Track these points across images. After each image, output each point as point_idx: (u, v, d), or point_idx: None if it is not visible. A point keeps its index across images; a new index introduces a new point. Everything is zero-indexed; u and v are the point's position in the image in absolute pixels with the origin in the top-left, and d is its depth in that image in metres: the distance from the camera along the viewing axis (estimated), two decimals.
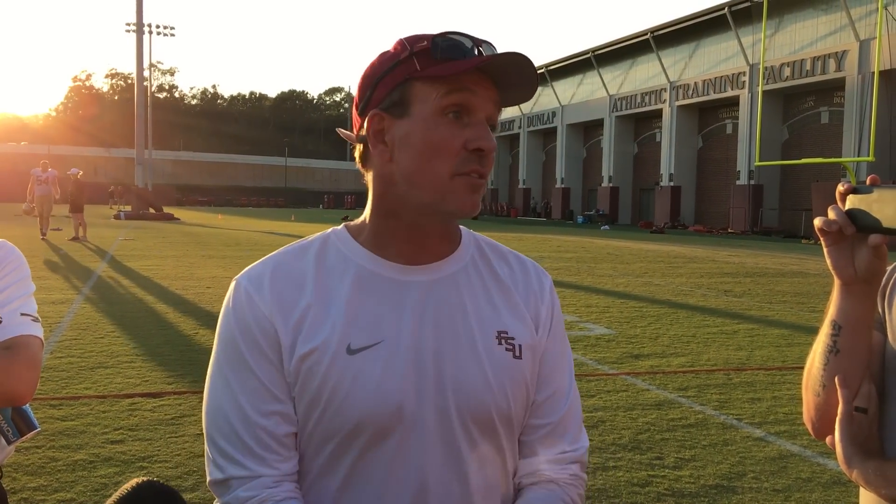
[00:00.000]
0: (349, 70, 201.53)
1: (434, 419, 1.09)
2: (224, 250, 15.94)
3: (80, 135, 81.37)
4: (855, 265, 1.06)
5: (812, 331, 7.23)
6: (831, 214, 1.05)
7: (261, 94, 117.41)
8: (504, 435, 1.15)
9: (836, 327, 1.11)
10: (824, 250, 1.09)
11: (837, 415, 1.09)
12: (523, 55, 1.05)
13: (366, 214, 1.16)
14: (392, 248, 1.13)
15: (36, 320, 1.60)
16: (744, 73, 35.23)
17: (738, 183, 35.27)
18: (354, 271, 1.12)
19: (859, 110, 28.92)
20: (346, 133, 1.18)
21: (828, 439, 1.12)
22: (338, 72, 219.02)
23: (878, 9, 23.81)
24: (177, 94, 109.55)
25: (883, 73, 25.21)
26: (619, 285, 11.04)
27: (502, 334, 1.15)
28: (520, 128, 55.07)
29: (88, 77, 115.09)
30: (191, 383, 4.77)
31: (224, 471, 1.08)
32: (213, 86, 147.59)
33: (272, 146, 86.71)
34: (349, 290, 1.11)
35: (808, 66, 31.69)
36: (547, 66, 49.51)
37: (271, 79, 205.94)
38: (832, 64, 30.58)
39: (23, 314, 1.56)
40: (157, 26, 48.64)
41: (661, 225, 37.34)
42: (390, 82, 1.08)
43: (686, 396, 4.75)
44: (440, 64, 1.05)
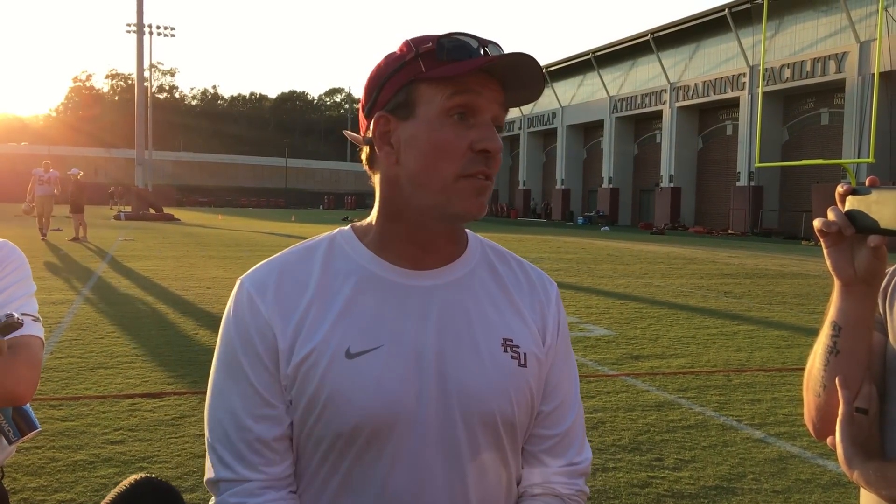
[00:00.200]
0: (350, 71, 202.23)
1: (436, 423, 1.08)
2: (224, 251, 15.94)
3: (81, 135, 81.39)
4: (855, 266, 1.06)
5: (812, 332, 7.24)
6: (831, 216, 1.05)
7: (261, 94, 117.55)
8: (507, 441, 1.14)
9: (836, 328, 1.11)
10: (824, 251, 1.09)
11: (838, 416, 1.09)
12: (529, 55, 1.04)
13: (372, 216, 1.15)
14: (397, 250, 1.12)
15: (37, 320, 1.60)
16: (744, 75, 35.24)
17: (738, 184, 35.28)
18: (358, 274, 1.12)
19: (859, 112, 28.92)
20: (353, 135, 1.17)
21: (828, 440, 1.12)
22: (338, 72, 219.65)
23: (878, 10, 23.81)
24: (177, 95, 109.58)
25: (883, 75, 25.21)
26: (619, 286, 11.04)
27: (507, 342, 1.14)
28: (520, 129, 55.06)
29: (89, 77, 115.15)
30: (191, 384, 4.76)
31: (216, 472, 1.10)
32: (214, 86, 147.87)
33: (272, 147, 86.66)
34: (352, 292, 1.10)
35: (808, 67, 31.70)
36: (547, 66, 49.49)
37: (271, 79, 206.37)
38: (832, 65, 30.59)
39: (23, 314, 1.56)
40: (158, 27, 48.67)
41: (661, 226, 37.34)
42: (396, 84, 1.07)
43: (686, 398, 4.75)
44: (445, 65, 1.04)
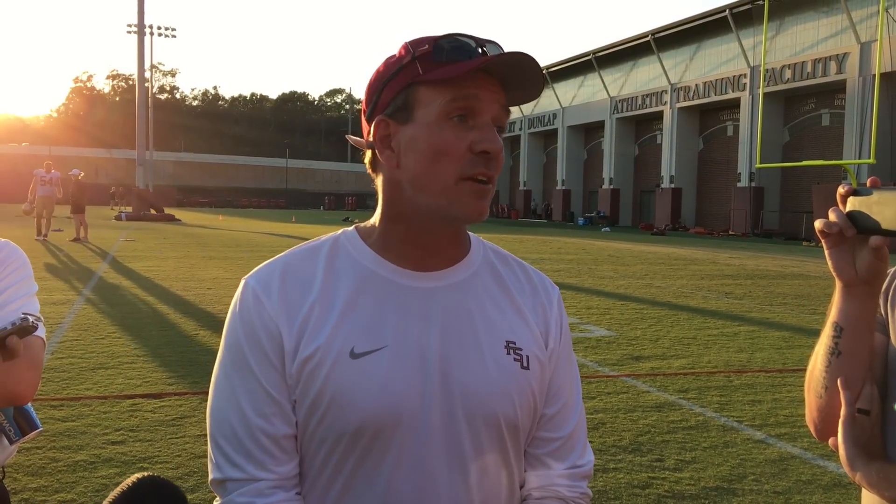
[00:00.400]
0: (350, 71, 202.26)
1: (439, 424, 1.08)
2: (225, 251, 15.94)
3: (82, 136, 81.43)
4: (856, 267, 1.06)
5: (813, 333, 7.23)
6: (832, 216, 1.05)
7: (262, 95, 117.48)
8: (510, 444, 1.14)
9: (838, 329, 1.10)
10: (825, 252, 1.09)
11: (840, 417, 1.09)
12: (527, 55, 1.04)
13: (375, 218, 1.16)
14: (400, 252, 1.13)
15: (38, 320, 1.60)
16: (745, 76, 35.23)
17: (738, 185, 35.27)
18: (362, 274, 1.12)
19: (860, 113, 28.91)
20: (356, 139, 1.17)
21: (830, 441, 1.12)
22: (339, 73, 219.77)
23: (879, 11, 23.81)
24: (178, 96, 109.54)
25: (884, 76, 25.20)
26: (619, 287, 11.03)
27: (510, 344, 1.14)
28: (521, 129, 55.06)
29: (90, 78, 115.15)
30: (192, 384, 4.77)
31: (223, 472, 1.09)
32: (215, 87, 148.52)
33: (273, 147, 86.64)
34: (356, 293, 1.10)
35: (808, 68, 31.70)
36: (548, 67, 49.49)
37: (272, 80, 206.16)
38: (833, 66, 30.58)
39: (25, 314, 1.56)
40: (159, 27, 48.63)
41: (661, 227, 37.33)
42: (394, 87, 1.07)
43: (687, 398, 4.75)
44: (443, 67, 1.04)
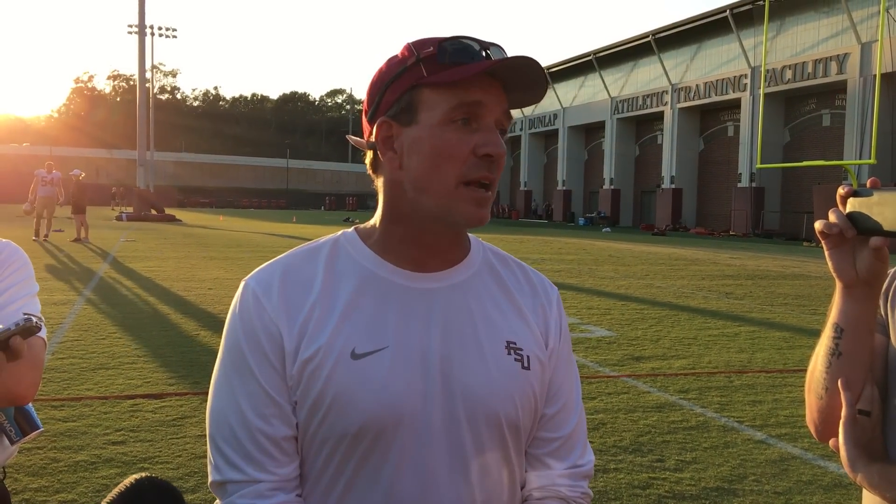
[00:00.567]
0: (351, 72, 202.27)
1: (441, 424, 1.08)
2: (226, 252, 15.94)
3: (82, 136, 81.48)
4: (856, 268, 1.06)
5: (813, 333, 7.23)
6: (832, 217, 1.05)
7: (262, 95, 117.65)
8: (511, 444, 1.14)
9: (838, 330, 1.10)
10: (825, 253, 1.09)
11: (841, 418, 1.09)
12: (530, 58, 1.03)
13: (376, 219, 1.16)
14: (401, 253, 1.13)
15: (39, 321, 1.60)
16: (745, 76, 35.23)
17: (739, 185, 35.26)
18: (362, 275, 1.12)
19: (861, 113, 28.90)
20: (357, 140, 1.17)
21: (831, 442, 1.12)
22: (340, 73, 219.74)
23: (879, 11, 23.80)
24: (179, 96, 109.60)
25: (884, 76, 25.19)
26: (620, 287, 11.03)
27: (511, 344, 1.14)
28: (521, 130, 55.06)
29: (90, 78, 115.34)
30: (192, 384, 4.77)
31: (222, 473, 1.08)
32: (215, 87, 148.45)
33: (274, 148, 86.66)
34: (356, 294, 1.10)
35: (809, 68, 31.69)
36: (548, 68, 49.50)
37: (273, 80, 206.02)
38: (834, 66, 30.58)
39: (25, 314, 1.56)
40: (159, 28, 48.70)
41: (662, 227, 37.33)
42: (398, 89, 1.07)
43: (687, 399, 4.75)
44: (447, 69, 1.03)
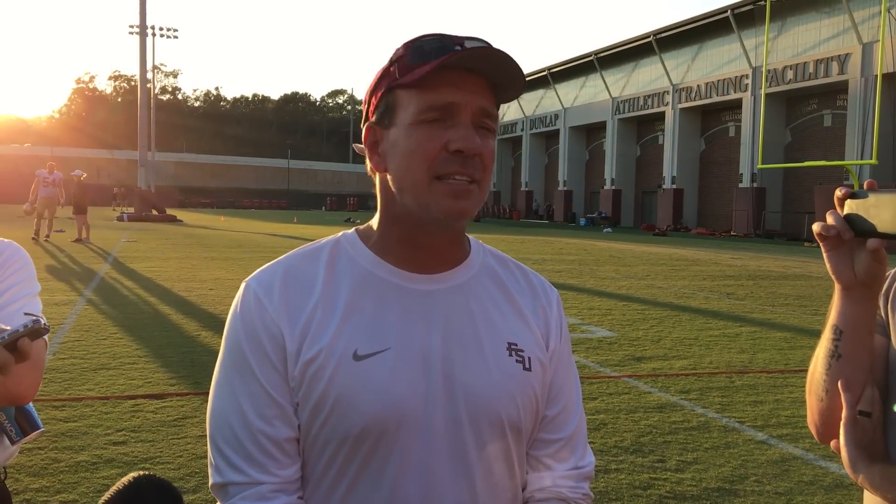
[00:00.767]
0: (352, 72, 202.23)
1: (443, 426, 1.09)
2: (227, 252, 15.95)
3: (84, 137, 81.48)
4: (854, 270, 1.06)
5: (814, 334, 7.23)
6: (829, 220, 1.05)
7: (263, 96, 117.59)
8: (513, 445, 1.15)
9: (838, 332, 1.11)
10: (824, 255, 1.09)
11: (842, 419, 1.09)
12: (495, 48, 1.02)
13: (375, 220, 1.16)
14: (400, 254, 1.13)
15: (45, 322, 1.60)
16: (746, 76, 35.21)
17: (740, 186, 35.25)
18: (362, 277, 1.12)
19: (862, 113, 28.88)
20: (360, 147, 1.19)
21: (832, 443, 1.12)
22: (341, 74, 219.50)
23: (881, 12, 23.79)
24: (180, 96, 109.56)
25: (886, 76, 25.19)
26: (621, 288, 11.03)
27: (512, 346, 1.14)
28: (522, 130, 55.05)
29: (92, 79, 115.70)
30: (193, 385, 4.77)
31: (224, 475, 1.08)
32: (216, 88, 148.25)
33: (275, 148, 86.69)
34: (357, 295, 1.11)
35: (810, 68, 31.68)
36: (549, 68, 49.54)
37: (274, 81, 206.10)
38: (835, 67, 30.56)
39: (27, 314, 1.56)
40: (161, 28, 48.78)
41: (663, 227, 37.32)
42: (377, 93, 1.10)
43: (688, 399, 4.75)
44: (414, 69, 1.04)
